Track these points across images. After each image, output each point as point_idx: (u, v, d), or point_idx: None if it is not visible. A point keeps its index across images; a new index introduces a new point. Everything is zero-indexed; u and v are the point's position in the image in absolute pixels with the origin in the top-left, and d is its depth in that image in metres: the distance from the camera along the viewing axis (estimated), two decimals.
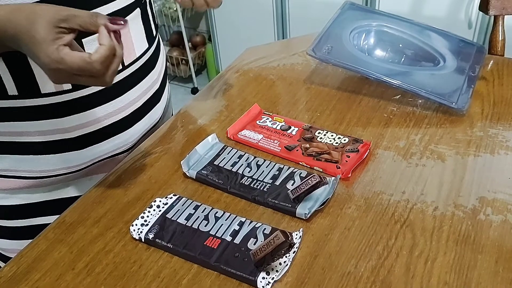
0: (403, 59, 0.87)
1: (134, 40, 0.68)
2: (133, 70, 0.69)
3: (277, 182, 0.62)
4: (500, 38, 1.01)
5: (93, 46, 0.56)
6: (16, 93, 0.60)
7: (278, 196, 0.60)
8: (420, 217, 0.57)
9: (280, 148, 0.69)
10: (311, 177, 0.58)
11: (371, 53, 0.88)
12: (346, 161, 0.65)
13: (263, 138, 0.71)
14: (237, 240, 0.54)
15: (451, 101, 0.75)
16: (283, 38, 2.11)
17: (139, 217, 0.58)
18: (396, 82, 0.78)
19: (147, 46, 0.71)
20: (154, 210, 0.59)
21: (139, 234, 0.56)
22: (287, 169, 0.64)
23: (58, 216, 0.61)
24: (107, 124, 0.68)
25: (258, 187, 0.62)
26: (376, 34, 0.89)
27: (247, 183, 0.62)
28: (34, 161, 0.66)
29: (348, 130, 0.73)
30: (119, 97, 0.68)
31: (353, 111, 0.78)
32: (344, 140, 0.69)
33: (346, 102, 0.80)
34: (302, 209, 0.58)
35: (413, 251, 0.53)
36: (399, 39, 0.89)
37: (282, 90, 0.85)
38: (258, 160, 0.67)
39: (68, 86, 0.62)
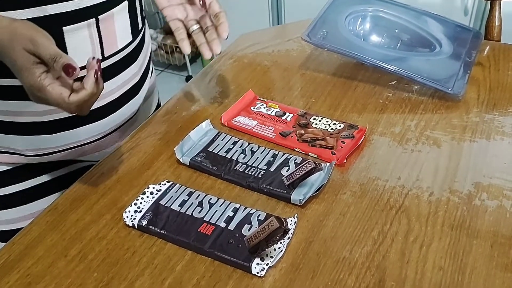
0: (399, 44, 0.86)
1: (117, 32, 0.66)
2: (113, 62, 0.67)
3: (272, 169, 0.62)
4: (496, 24, 1.00)
5: (74, 35, 0.57)
6: None
7: (272, 182, 0.59)
8: (415, 202, 0.57)
9: (275, 134, 0.68)
10: (306, 163, 0.58)
11: (367, 38, 0.87)
12: (341, 147, 0.65)
13: (258, 124, 0.70)
14: (231, 227, 0.54)
15: (447, 86, 0.75)
16: (278, 24, 2.10)
17: (132, 203, 0.57)
18: (392, 68, 0.77)
19: (131, 39, 0.70)
20: (147, 196, 0.58)
21: (132, 221, 0.55)
22: (282, 155, 0.64)
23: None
24: None
25: (253, 174, 0.61)
26: (372, 19, 0.88)
27: (242, 170, 0.62)
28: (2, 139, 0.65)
29: (343, 116, 0.72)
30: None
31: (348, 97, 0.77)
32: (339, 126, 0.68)
33: (342, 88, 0.80)
34: (297, 195, 0.57)
35: (408, 236, 0.53)
36: (395, 24, 0.88)
37: (277, 76, 0.84)
38: (253, 147, 0.66)
39: None
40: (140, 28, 0.73)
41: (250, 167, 0.62)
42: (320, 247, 0.52)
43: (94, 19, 0.62)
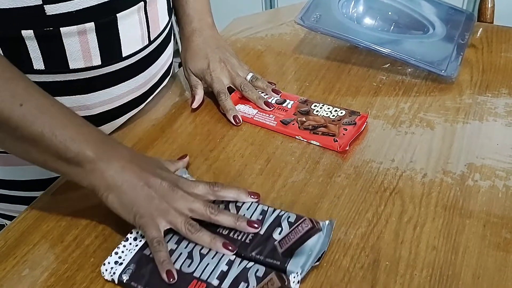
0: (392, 27, 0.86)
1: (160, 14, 0.66)
2: (156, 45, 0.67)
3: (262, 231, 0.51)
4: (489, 5, 1.00)
5: (126, 21, 0.57)
6: (43, 68, 0.57)
7: (264, 249, 0.49)
8: (409, 184, 0.58)
9: (275, 123, 0.67)
10: (302, 222, 0.50)
11: (360, 21, 0.87)
12: (344, 134, 0.64)
13: (258, 112, 0.70)
14: (225, 285, 0.46)
15: (440, 69, 0.75)
16: (270, 8, 2.08)
17: (113, 253, 0.49)
18: (385, 50, 0.77)
19: (168, 19, 0.70)
20: (130, 243, 0.50)
21: (111, 276, 0.48)
22: (272, 212, 0.52)
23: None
24: (127, 101, 0.67)
25: (239, 238, 0.50)
26: (365, 2, 0.88)
27: (225, 233, 0.51)
28: None
29: (337, 100, 0.73)
30: (142, 73, 0.67)
31: (342, 81, 0.77)
32: (341, 113, 0.68)
33: (335, 71, 0.79)
34: (294, 267, 0.47)
35: (402, 217, 0.53)
36: (388, 6, 0.87)
37: (270, 61, 0.84)
38: (237, 202, 0.54)
39: (98, 62, 0.59)
40: (172, 6, 0.73)
41: (234, 230, 0.51)
42: None
43: (142, 2, 0.61)
